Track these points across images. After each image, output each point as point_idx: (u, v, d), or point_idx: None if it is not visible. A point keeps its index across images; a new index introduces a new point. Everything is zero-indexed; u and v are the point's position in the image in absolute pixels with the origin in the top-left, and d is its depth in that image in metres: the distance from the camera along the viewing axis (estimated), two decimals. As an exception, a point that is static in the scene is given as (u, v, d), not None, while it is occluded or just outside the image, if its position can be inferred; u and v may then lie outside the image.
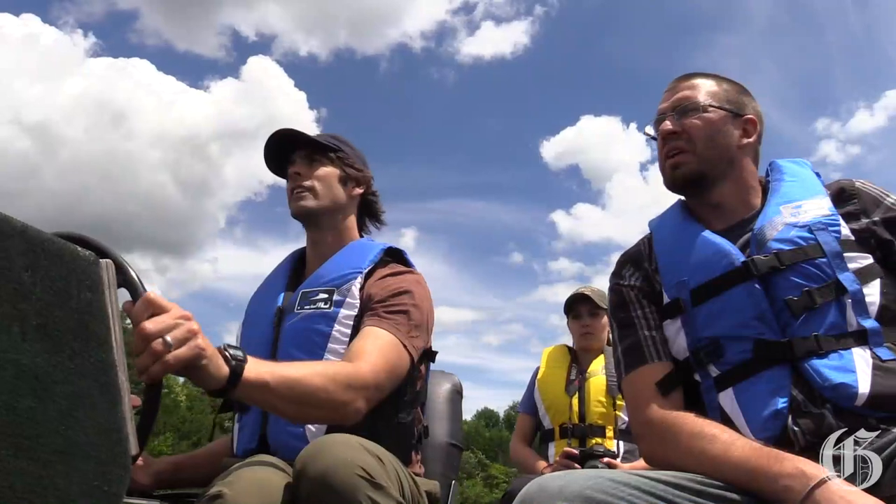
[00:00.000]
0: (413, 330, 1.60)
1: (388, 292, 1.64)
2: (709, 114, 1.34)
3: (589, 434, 2.79)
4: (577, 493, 0.90)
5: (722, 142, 1.33)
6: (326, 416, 1.41)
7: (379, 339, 1.54)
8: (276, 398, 1.26)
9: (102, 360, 0.73)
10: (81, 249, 0.75)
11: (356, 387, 1.41)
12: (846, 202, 1.27)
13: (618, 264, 1.45)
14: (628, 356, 1.32)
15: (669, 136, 1.35)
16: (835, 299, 1.16)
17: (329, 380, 1.35)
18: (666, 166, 1.37)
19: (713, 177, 1.33)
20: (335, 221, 1.81)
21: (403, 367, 1.55)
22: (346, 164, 1.81)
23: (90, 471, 0.69)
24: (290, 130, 1.80)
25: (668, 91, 1.41)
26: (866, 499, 0.90)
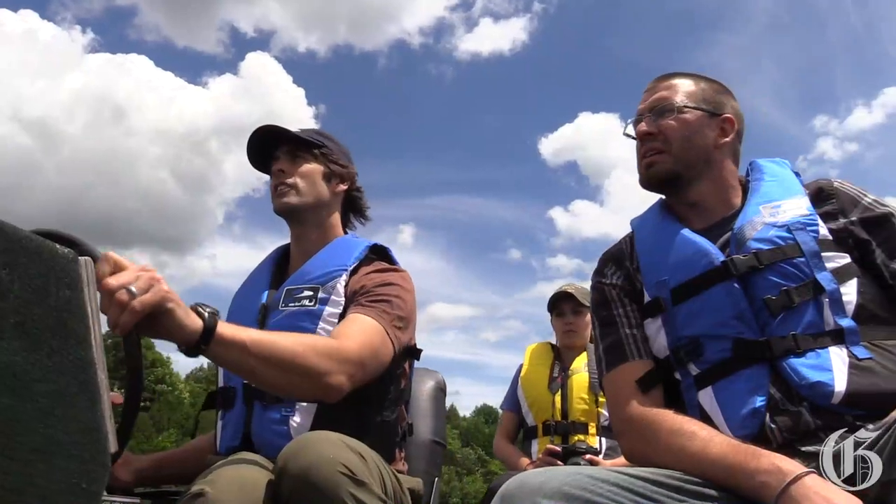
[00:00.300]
0: (397, 321, 1.59)
1: (373, 283, 1.64)
2: (684, 114, 1.35)
3: (571, 431, 2.81)
4: (557, 490, 0.90)
5: (698, 142, 1.34)
6: (306, 385, 1.37)
7: (363, 323, 1.54)
8: (254, 360, 1.25)
9: (81, 357, 0.73)
10: (60, 247, 0.74)
11: (338, 359, 1.40)
12: (824, 202, 1.28)
13: (600, 262, 1.46)
14: (610, 354, 1.33)
15: (646, 137, 1.37)
16: (812, 298, 1.18)
17: (310, 348, 1.34)
18: (642, 165, 1.38)
19: (689, 177, 1.35)
20: (319, 218, 1.80)
21: (387, 354, 1.55)
22: (329, 160, 1.80)
23: (70, 469, 0.69)
24: (273, 127, 1.79)
25: (647, 91, 1.42)
26: (841, 495, 0.91)
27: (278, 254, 1.89)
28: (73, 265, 0.75)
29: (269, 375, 1.30)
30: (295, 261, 1.79)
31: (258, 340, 1.26)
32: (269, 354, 1.27)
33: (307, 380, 1.35)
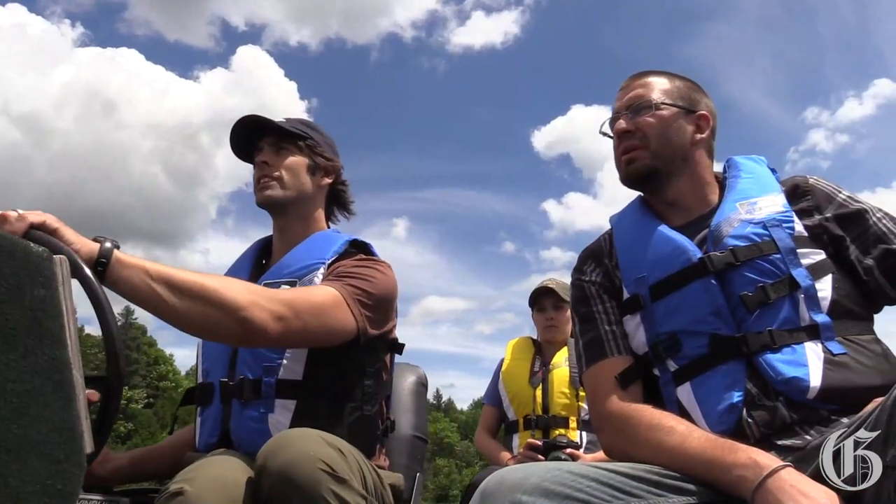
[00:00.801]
0: (362, 295, 1.55)
1: (352, 265, 1.62)
2: (661, 111, 1.36)
3: (552, 425, 2.82)
4: (536, 486, 0.91)
5: (675, 138, 1.35)
6: (222, 318, 1.30)
7: (317, 287, 1.53)
8: (159, 286, 1.21)
9: (56, 357, 0.72)
10: (34, 246, 0.73)
11: (262, 295, 1.37)
12: (800, 199, 1.30)
13: (579, 260, 1.46)
14: (589, 350, 1.33)
15: (624, 135, 1.38)
16: (788, 295, 1.19)
17: (229, 281, 1.33)
18: (622, 163, 1.39)
19: (667, 173, 1.36)
20: (302, 211, 1.77)
21: (340, 321, 1.50)
22: (314, 152, 1.78)
23: (43, 469, 0.69)
24: (257, 117, 1.76)
25: (622, 90, 1.43)
26: (817, 488, 0.92)
27: (259, 246, 1.86)
28: (47, 263, 0.74)
29: (178, 306, 1.24)
30: (277, 253, 1.77)
31: (163, 269, 1.23)
32: (177, 282, 1.23)
33: (222, 313, 1.29)
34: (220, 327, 1.32)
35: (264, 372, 1.52)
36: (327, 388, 1.54)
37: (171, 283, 1.22)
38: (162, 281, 1.21)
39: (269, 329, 1.35)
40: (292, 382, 1.52)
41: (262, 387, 1.51)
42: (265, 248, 1.85)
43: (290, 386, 1.52)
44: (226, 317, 1.30)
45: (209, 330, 1.34)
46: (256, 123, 1.76)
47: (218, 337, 1.41)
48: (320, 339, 1.50)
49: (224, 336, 1.38)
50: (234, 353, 1.58)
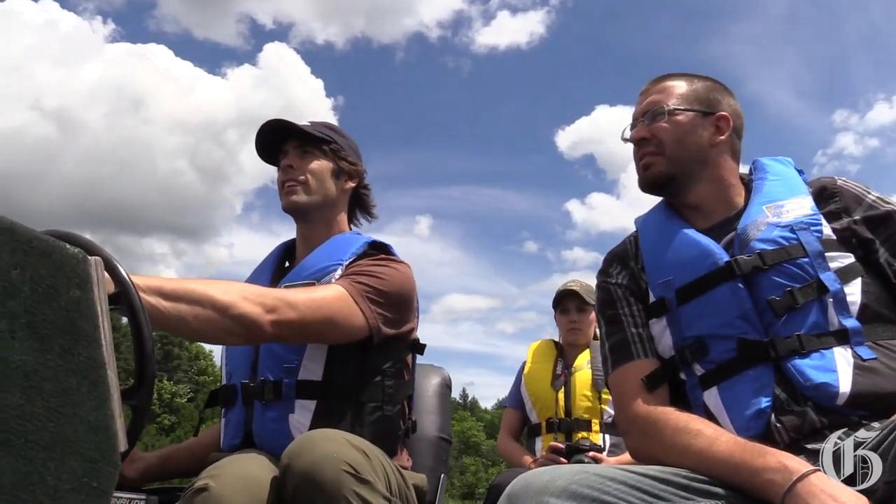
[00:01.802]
0: (372, 293, 1.55)
1: (368, 264, 1.63)
2: (676, 116, 1.35)
3: (575, 428, 2.81)
4: (563, 489, 0.90)
5: (691, 142, 1.35)
6: (217, 319, 1.31)
7: (326, 288, 1.53)
8: (152, 297, 1.20)
9: (91, 357, 0.73)
10: (70, 247, 0.74)
11: (254, 292, 1.39)
12: (828, 201, 1.28)
13: (605, 262, 1.46)
14: (615, 353, 1.33)
15: (640, 142, 1.38)
16: (816, 299, 1.18)
17: (218, 283, 1.34)
18: (639, 169, 1.39)
19: (684, 177, 1.35)
20: (326, 216, 1.78)
21: (346, 318, 1.50)
22: (339, 156, 1.78)
23: (79, 467, 0.70)
24: (282, 121, 1.77)
25: (641, 95, 1.43)
26: (848, 492, 0.91)
27: (282, 249, 1.88)
28: (82, 265, 0.75)
29: (172, 312, 1.25)
30: (299, 257, 1.78)
31: (152, 279, 1.24)
32: (168, 291, 1.24)
33: (214, 312, 1.30)
34: (216, 327, 1.32)
35: (284, 373, 1.54)
36: (347, 389, 1.55)
37: (161, 293, 1.23)
38: (153, 292, 1.21)
39: (263, 321, 1.36)
40: (312, 383, 1.54)
41: (283, 388, 1.53)
42: (288, 252, 1.87)
43: (310, 386, 1.53)
44: (219, 316, 1.31)
45: (207, 331, 1.34)
46: (282, 127, 1.77)
47: (217, 338, 1.41)
48: (325, 334, 1.50)
49: (224, 335, 1.38)
50: (256, 355, 1.59)
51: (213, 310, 1.30)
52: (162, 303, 1.22)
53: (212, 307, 1.30)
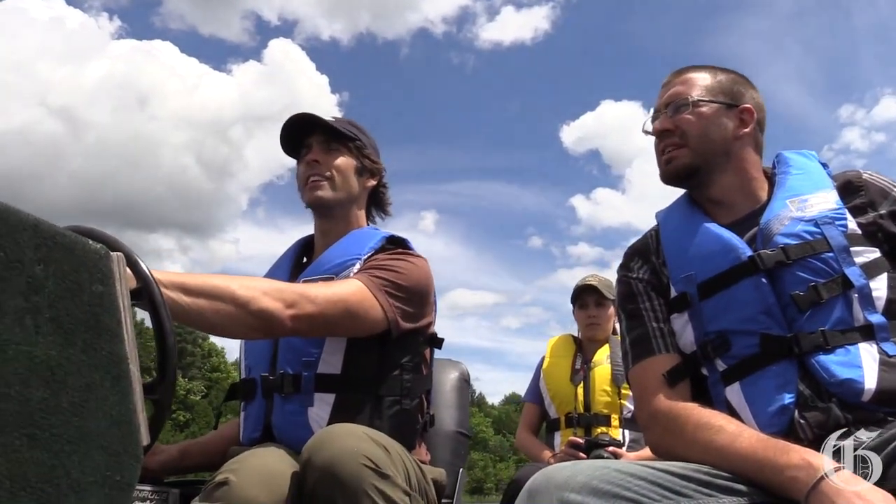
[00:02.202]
0: (390, 286, 1.56)
1: (385, 258, 1.63)
2: (700, 108, 1.34)
3: (594, 423, 2.80)
4: (584, 484, 0.90)
5: (716, 135, 1.33)
6: (236, 314, 1.32)
7: (344, 282, 1.53)
8: (174, 292, 1.21)
9: (114, 352, 0.74)
10: (92, 243, 0.75)
11: (274, 287, 1.39)
12: (853, 195, 1.26)
13: (625, 256, 1.45)
14: (636, 347, 1.32)
15: (663, 134, 1.36)
16: (841, 294, 1.16)
17: (238, 279, 1.34)
18: (661, 161, 1.38)
19: (708, 170, 1.33)
20: (347, 212, 1.79)
21: (365, 311, 1.51)
22: (362, 154, 1.79)
23: (102, 461, 0.70)
24: (308, 115, 1.77)
25: (663, 87, 1.41)
26: (874, 490, 0.90)
27: (301, 244, 1.89)
28: (105, 261, 0.75)
29: (192, 307, 1.25)
30: (318, 252, 1.79)
31: (174, 275, 1.24)
32: (189, 286, 1.25)
33: (234, 307, 1.31)
34: (235, 322, 1.33)
35: (303, 367, 1.54)
36: (365, 382, 1.56)
37: (182, 288, 1.24)
38: (174, 287, 1.22)
39: (283, 315, 1.37)
40: (331, 376, 1.54)
41: (302, 381, 1.53)
42: (306, 247, 1.88)
43: (329, 380, 1.54)
44: (239, 311, 1.32)
45: (227, 326, 1.34)
46: (307, 121, 1.77)
47: (237, 332, 1.42)
48: (344, 328, 1.51)
49: (243, 330, 1.40)
50: (275, 349, 1.60)
51: (233, 305, 1.31)
52: (183, 298, 1.23)
53: (232, 302, 1.30)
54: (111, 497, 0.70)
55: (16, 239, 0.65)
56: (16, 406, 0.62)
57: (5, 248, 0.64)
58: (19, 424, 0.62)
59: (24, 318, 0.65)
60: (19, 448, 0.62)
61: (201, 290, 1.26)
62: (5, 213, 0.64)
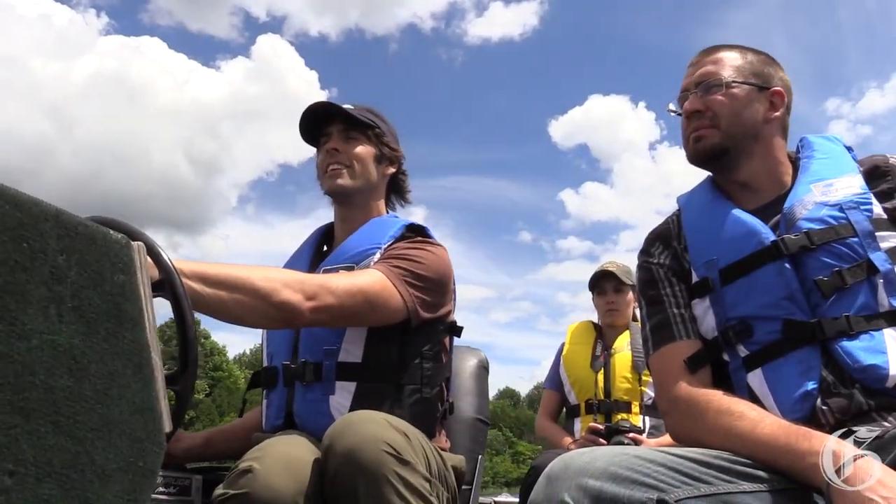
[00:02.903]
0: (410, 276, 1.57)
1: (405, 247, 1.63)
2: (733, 89, 1.31)
3: (615, 410, 2.80)
4: (603, 470, 0.90)
5: (747, 117, 1.30)
6: (257, 304, 1.33)
7: (364, 273, 1.54)
8: (195, 283, 1.22)
9: (136, 340, 0.75)
10: (113, 232, 0.76)
11: (296, 279, 1.40)
12: (880, 179, 1.24)
13: (646, 242, 1.43)
14: (657, 333, 1.31)
15: (694, 115, 1.33)
16: (866, 279, 1.14)
17: (259, 269, 1.35)
18: (689, 140, 1.35)
19: (737, 153, 1.31)
20: (366, 200, 1.80)
21: (385, 301, 1.51)
22: (381, 141, 1.80)
23: (126, 447, 0.71)
24: (328, 104, 1.78)
25: (692, 66, 1.38)
26: (878, 467, 0.89)
27: (321, 232, 1.89)
28: (126, 250, 0.76)
29: (213, 298, 1.26)
30: (338, 241, 1.80)
31: (195, 265, 1.24)
32: (211, 276, 1.25)
33: (255, 298, 1.32)
34: (255, 313, 1.34)
35: (325, 355, 1.55)
36: (386, 371, 1.57)
37: (203, 278, 1.24)
38: (196, 277, 1.23)
39: (303, 307, 1.37)
40: (352, 365, 1.55)
41: (323, 370, 1.55)
42: (326, 235, 1.88)
43: (350, 368, 1.55)
44: (259, 302, 1.32)
45: (247, 317, 1.35)
46: (326, 109, 1.78)
47: (256, 322, 1.42)
48: (364, 318, 1.52)
49: (262, 321, 1.41)
50: (297, 337, 1.61)
51: (253, 296, 1.31)
52: (204, 289, 1.24)
53: (253, 294, 1.31)
54: (135, 483, 0.71)
55: (39, 229, 0.66)
56: (40, 394, 0.63)
57: (28, 239, 0.64)
58: (44, 412, 0.63)
59: (48, 307, 0.66)
60: (44, 435, 0.63)
61: (222, 280, 1.27)
62: (28, 204, 0.65)
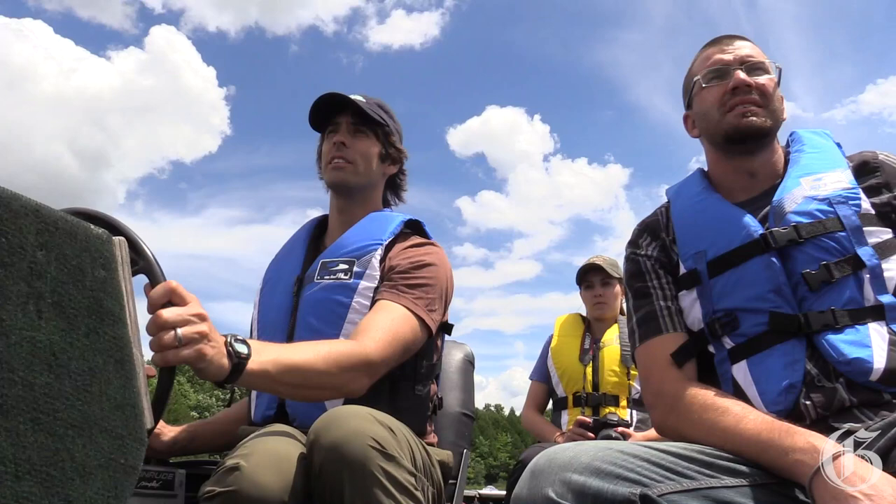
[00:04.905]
0: (432, 303, 1.60)
1: (410, 264, 1.64)
2: (772, 76, 1.33)
3: (602, 403, 2.81)
4: (587, 465, 0.90)
5: (779, 107, 1.33)
6: (327, 395, 1.44)
7: (392, 313, 1.54)
8: (277, 384, 1.27)
9: (117, 336, 0.74)
10: (94, 227, 0.75)
11: (359, 367, 1.42)
12: (869, 175, 1.25)
13: (634, 233, 1.43)
14: (643, 326, 1.31)
15: (745, 89, 1.30)
16: (852, 274, 1.15)
17: (332, 363, 1.36)
18: (734, 113, 1.31)
19: (770, 138, 1.32)
20: (366, 196, 1.82)
21: (416, 341, 1.56)
22: (388, 140, 1.82)
23: (106, 444, 0.71)
24: (341, 96, 1.78)
25: (724, 45, 1.37)
26: (878, 474, 0.90)
27: (314, 224, 1.90)
28: (107, 245, 0.76)
29: (288, 392, 1.37)
30: (333, 233, 1.80)
31: (283, 367, 1.26)
32: (291, 377, 1.29)
33: (328, 391, 1.41)
34: (326, 398, 1.48)
35: None
36: None
37: (289, 382, 1.29)
38: (282, 382, 1.27)
39: (365, 387, 1.45)
40: None
41: None
42: (319, 227, 1.88)
43: None
44: (334, 393, 1.44)
45: (317, 399, 1.48)
46: (336, 100, 1.78)
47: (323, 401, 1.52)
48: (404, 357, 1.55)
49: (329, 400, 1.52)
50: (292, 328, 1.62)
51: (329, 391, 1.42)
52: (285, 388, 1.32)
53: (330, 389, 1.40)
54: (116, 480, 0.71)
55: (18, 224, 0.65)
56: (20, 391, 0.63)
57: (7, 234, 0.64)
58: (23, 409, 0.63)
59: (27, 303, 0.65)
60: (24, 432, 0.63)
61: (303, 382, 1.32)
62: (7, 198, 0.64)
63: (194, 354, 1.06)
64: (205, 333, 1.08)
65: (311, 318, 1.60)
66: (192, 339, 1.05)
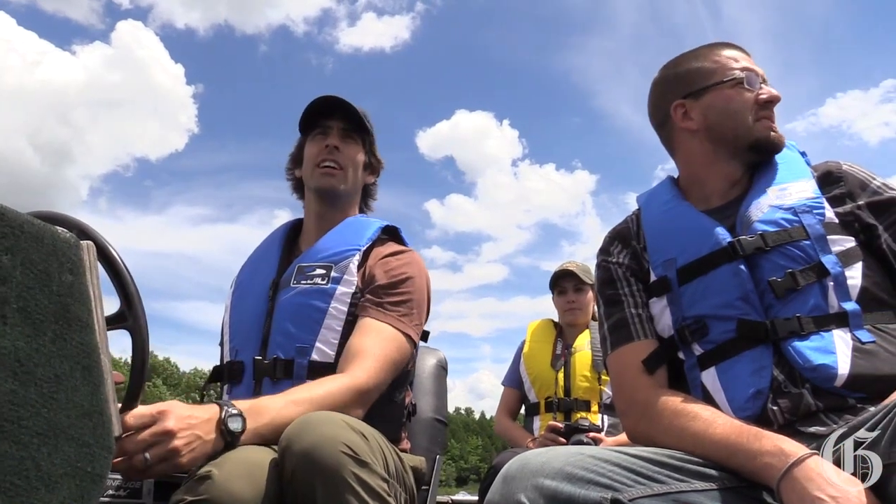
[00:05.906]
0: (416, 318, 1.62)
1: (391, 278, 1.64)
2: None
3: (574, 408, 2.83)
4: (559, 471, 0.91)
5: None
6: None
7: (380, 333, 1.55)
8: (273, 437, 1.27)
9: (84, 342, 0.73)
10: (62, 231, 0.74)
11: (356, 401, 1.43)
12: (833, 185, 1.27)
13: (606, 240, 1.45)
14: (614, 333, 1.33)
15: (773, 105, 1.34)
16: (817, 281, 1.17)
17: (328, 408, 1.36)
18: (761, 124, 1.33)
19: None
20: (348, 202, 1.83)
21: (404, 358, 1.58)
22: (371, 150, 1.85)
23: (73, 452, 0.70)
24: (339, 99, 1.79)
25: (745, 53, 1.40)
26: (843, 476, 0.91)
27: (288, 227, 1.88)
28: (75, 249, 0.74)
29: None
30: (309, 237, 1.80)
31: (277, 425, 1.27)
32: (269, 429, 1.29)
33: None
34: None
35: (297, 353, 1.55)
36: None
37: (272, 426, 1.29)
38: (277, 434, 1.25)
39: (360, 415, 1.43)
40: (324, 364, 1.55)
41: (294, 367, 1.54)
42: (293, 230, 1.88)
43: (323, 368, 1.54)
44: None
45: None
46: (332, 103, 1.80)
47: None
48: (394, 376, 1.57)
49: None
50: (267, 332, 1.60)
51: None
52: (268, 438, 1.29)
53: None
54: (82, 489, 0.70)
55: None
56: None
57: None
58: None
59: None
60: None
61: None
62: None
63: (168, 467, 1.14)
64: (175, 448, 1.14)
65: (288, 322, 1.59)
66: (162, 457, 1.12)
